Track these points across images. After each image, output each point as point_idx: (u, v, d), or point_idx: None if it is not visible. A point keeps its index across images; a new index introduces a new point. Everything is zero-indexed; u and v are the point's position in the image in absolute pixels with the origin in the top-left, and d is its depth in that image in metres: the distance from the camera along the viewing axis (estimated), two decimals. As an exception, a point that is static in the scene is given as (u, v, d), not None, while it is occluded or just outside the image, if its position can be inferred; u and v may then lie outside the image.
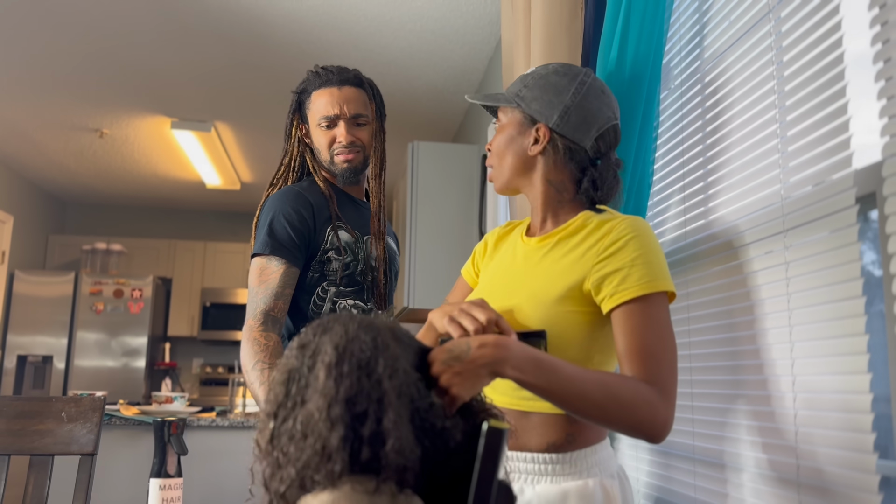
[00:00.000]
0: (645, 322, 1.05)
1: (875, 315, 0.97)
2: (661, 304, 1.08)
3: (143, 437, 2.51)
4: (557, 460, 1.12)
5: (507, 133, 1.23)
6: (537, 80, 1.21)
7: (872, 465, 0.91)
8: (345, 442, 0.73)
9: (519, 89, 1.22)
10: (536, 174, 1.22)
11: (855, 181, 0.99)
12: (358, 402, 0.74)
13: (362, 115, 1.74)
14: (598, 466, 1.13)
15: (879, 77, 0.94)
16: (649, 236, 1.12)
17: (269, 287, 1.64)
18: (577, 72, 1.21)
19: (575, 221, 1.19)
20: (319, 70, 1.76)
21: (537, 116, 1.19)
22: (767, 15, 1.22)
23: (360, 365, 0.76)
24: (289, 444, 0.76)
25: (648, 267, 1.08)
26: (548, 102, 1.19)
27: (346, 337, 0.78)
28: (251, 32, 3.23)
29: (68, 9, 3.03)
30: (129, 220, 6.60)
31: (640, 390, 1.00)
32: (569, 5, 1.65)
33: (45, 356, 5.44)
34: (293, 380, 0.78)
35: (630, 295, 1.07)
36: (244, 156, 5.05)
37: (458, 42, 3.28)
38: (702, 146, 1.41)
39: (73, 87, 3.89)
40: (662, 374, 1.03)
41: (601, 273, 1.10)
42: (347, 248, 1.72)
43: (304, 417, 0.75)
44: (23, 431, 1.76)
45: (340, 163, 1.74)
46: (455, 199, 3.54)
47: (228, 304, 6.08)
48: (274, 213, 1.68)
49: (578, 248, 1.15)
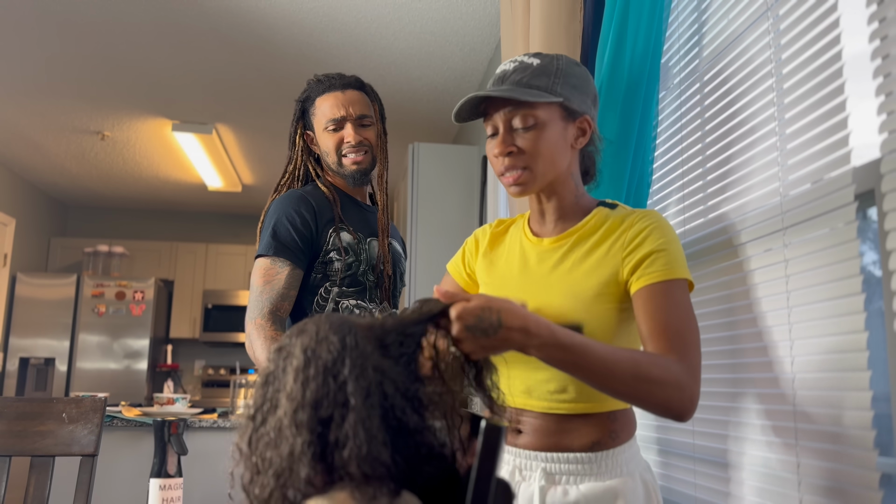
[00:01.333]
0: (669, 302, 1.06)
1: (874, 312, 0.97)
2: (683, 290, 1.08)
3: (145, 439, 2.51)
4: (597, 459, 1.12)
5: (553, 130, 1.14)
6: (559, 73, 1.15)
7: (873, 462, 0.91)
8: (309, 447, 0.71)
9: (545, 83, 1.13)
10: (568, 169, 1.19)
11: (854, 178, 0.99)
12: (324, 406, 0.73)
13: (367, 116, 1.77)
14: (633, 461, 1.14)
15: (877, 74, 0.94)
16: (669, 227, 1.14)
17: (275, 288, 1.66)
18: (578, 62, 1.20)
19: (591, 219, 1.19)
20: (321, 77, 1.79)
21: (581, 108, 1.16)
22: (766, 13, 1.22)
23: (326, 367, 0.74)
24: (265, 450, 0.74)
25: (671, 256, 1.09)
26: (582, 93, 1.17)
27: (314, 339, 0.77)
28: (252, 35, 3.23)
29: (70, 12, 3.04)
30: (131, 222, 6.60)
31: (670, 367, 0.99)
32: (567, 5, 1.66)
33: (47, 358, 5.44)
34: (269, 383, 0.77)
35: (654, 278, 1.08)
36: (245, 158, 5.05)
37: (458, 44, 3.29)
38: (701, 144, 1.41)
39: (75, 90, 3.90)
40: (689, 352, 1.02)
41: (633, 262, 1.11)
42: (349, 249, 1.74)
43: (275, 422, 0.74)
44: (24, 432, 1.76)
45: (349, 164, 1.76)
46: (455, 199, 3.54)
47: (230, 306, 6.08)
48: (278, 216, 1.71)
49: (603, 244, 1.14)
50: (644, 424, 1.59)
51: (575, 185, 1.20)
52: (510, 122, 1.13)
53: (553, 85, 1.13)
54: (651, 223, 1.13)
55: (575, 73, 1.16)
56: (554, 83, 1.13)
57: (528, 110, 1.12)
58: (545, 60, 1.16)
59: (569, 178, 1.19)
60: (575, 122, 1.16)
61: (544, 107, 1.12)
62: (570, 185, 1.19)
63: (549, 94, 1.12)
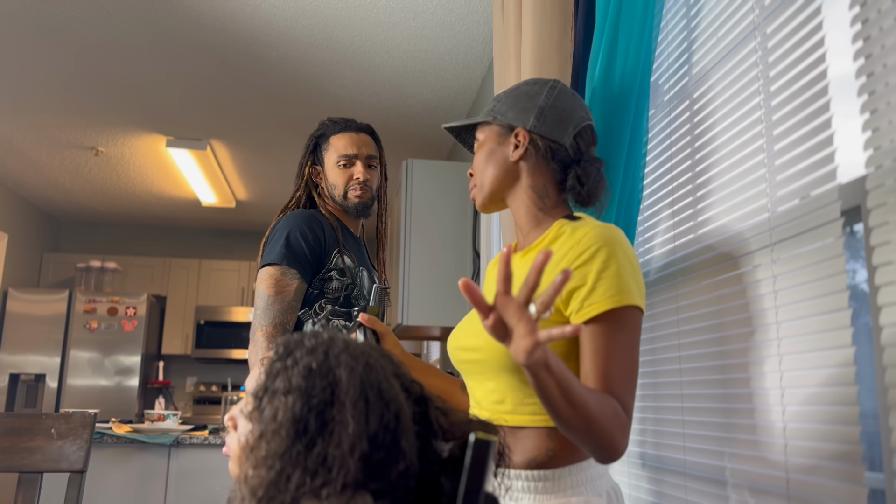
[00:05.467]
0: (610, 344, 1.03)
1: (861, 327, 0.97)
2: (627, 321, 1.04)
3: (135, 456, 2.49)
4: (540, 478, 1.08)
5: (486, 147, 1.23)
6: (509, 94, 1.24)
7: (861, 477, 0.91)
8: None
9: (492, 106, 1.25)
10: (519, 183, 1.21)
11: (840, 194, 1.00)
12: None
13: (375, 158, 1.96)
14: (585, 485, 1.09)
15: (862, 91, 0.95)
16: (619, 245, 1.07)
17: (286, 300, 1.75)
18: (546, 80, 1.24)
19: (550, 232, 1.17)
20: (336, 119, 1.99)
21: (514, 123, 1.20)
22: (753, 32, 1.23)
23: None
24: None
25: (615, 279, 1.04)
26: (522, 108, 1.20)
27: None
28: (247, 52, 3.25)
29: (66, 30, 3.05)
30: (124, 237, 6.59)
31: (618, 412, 1.00)
32: (559, 24, 1.67)
33: (37, 374, 5.40)
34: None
35: (595, 311, 1.04)
36: (239, 174, 5.06)
37: (452, 61, 3.31)
38: (690, 161, 1.42)
39: (69, 105, 3.90)
40: (627, 401, 1.03)
41: (569, 287, 1.06)
42: (349, 272, 1.85)
43: (334, 444, 0.74)
44: (12, 448, 1.74)
45: (353, 197, 1.92)
46: (449, 216, 3.55)
47: (223, 322, 6.05)
48: (291, 229, 1.81)
49: (554, 260, 1.12)
50: (634, 440, 1.59)
51: (537, 198, 1.21)
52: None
53: (494, 106, 1.24)
54: (598, 242, 1.07)
55: (520, 90, 1.23)
56: (495, 105, 1.24)
57: (474, 133, 1.29)
58: (511, 87, 1.26)
59: (522, 193, 1.22)
60: (511, 138, 1.22)
61: (481, 128, 1.26)
62: (523, 199, 1.22)
63: (480, 117, 1.25)
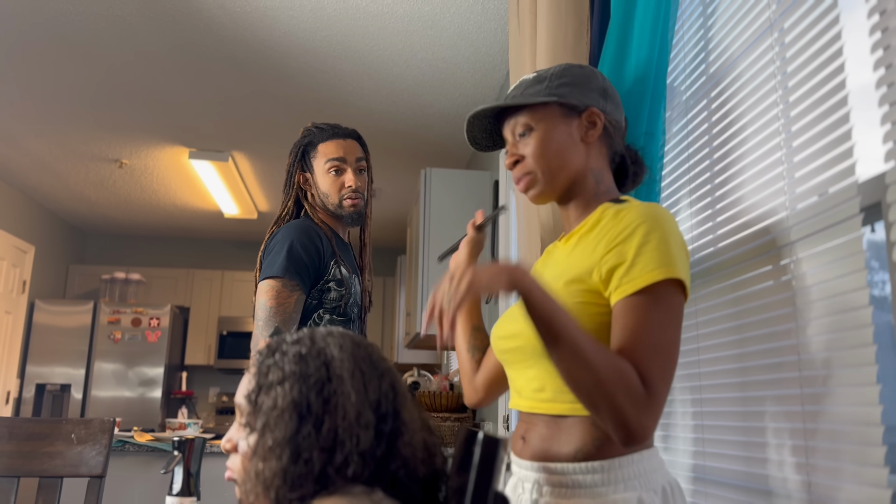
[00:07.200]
0: (641, 320, 0.96)
1: (883, 326, 0.95)
2: (667, 296, 0.97)
3: (156, 464, 2.50)
4: (589, 470, 1.00)
5: (547, 129, 1.14)
6: (556, 76, 1.16)
7: (884, 479, 0.89)
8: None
9: (539, 90, 1.16)
10: (584, 166, 1.16)
11: (859, 191, 0.97)
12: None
13: (363, 160, 1.97)
14: (638, 479, 0.99)
15: (881, 84, 0.93)
16: (662, 221, 1.02)
17: (287, 311, 1.75)
18: (583, 65, 1.21)
19: (593, 216, 1.13)
20: (323, 125, 1.98)
21: (585, 101, 1.14)
22: (769, 28, 1.22)
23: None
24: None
25: (655, 253, 0.98)
26: (585, 88, 1.15)
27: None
28: (267, 64, 3.28)
29: (90, 44, 3.11)
30: (148, 249, 6.67)
31: (626, 376, 0.91)
32: (573, 27, 1.66)
33: (63, 385, 5.46)
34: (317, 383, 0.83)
35: (634, 287, 0.97)
36: (261, 185, 5.10)
37: (470, 70, 3.31)
38: (709, 161, 1.40)
39: (94, 118, 3.97)
40: (647, 372, 0.93)
41: (609, 265, 1.01)
42: (345, 282, 1.87)
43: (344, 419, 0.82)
44: (33, 453, 1.76)
45: (348, 206, 1.92)
46: (467, 224, 3.54)
47: (245, 333, 6.09)
48: (291, 241, 1.80)
49: (591, 239, 1.09)
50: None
51: (595, 181, 1.16)
52: (514, 134, 1.18)
53: (545, 89, 1.16)
54: (639, 219, 1.02)
55: (570, 72, 1.17)
56: (546, 87, 1.16)
57: (522, 118, 1.16)
58: (541, 72, 1.19)
59: (587, 175, 1.16)
60: (580, 117, 1.15)
61: (537, 110, 1.15)
62: (589, 181, 1.16)
63: (539, 98, 1.14)
